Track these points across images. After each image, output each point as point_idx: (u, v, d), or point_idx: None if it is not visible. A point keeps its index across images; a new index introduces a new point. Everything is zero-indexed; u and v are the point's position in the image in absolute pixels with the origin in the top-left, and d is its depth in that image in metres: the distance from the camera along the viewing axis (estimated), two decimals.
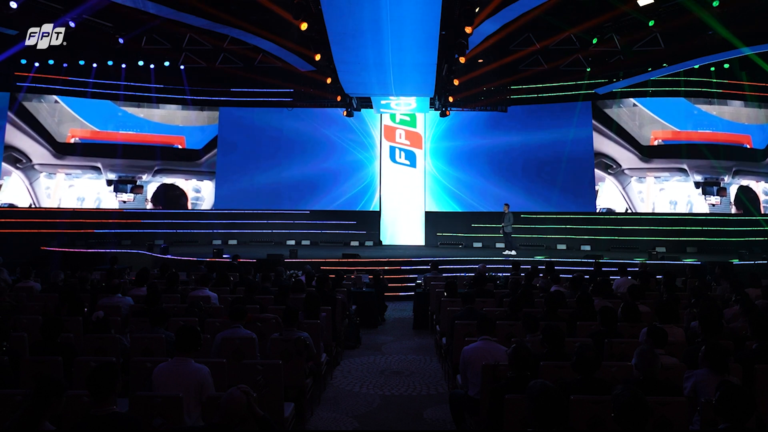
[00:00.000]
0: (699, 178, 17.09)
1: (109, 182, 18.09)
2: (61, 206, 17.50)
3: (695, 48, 14.05)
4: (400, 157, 18.37)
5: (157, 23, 13.71)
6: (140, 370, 4.21)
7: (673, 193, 17.22)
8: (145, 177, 18.36)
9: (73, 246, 15.09)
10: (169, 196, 18.46)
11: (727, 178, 16.92)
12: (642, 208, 17.26)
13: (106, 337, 5.13)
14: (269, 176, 18.20)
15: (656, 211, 17.12)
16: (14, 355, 4.37)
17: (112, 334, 5.27)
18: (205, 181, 18.57)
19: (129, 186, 18.15)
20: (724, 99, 16.83)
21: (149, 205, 18.25)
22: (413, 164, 18.33)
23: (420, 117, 18.31)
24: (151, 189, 18.42)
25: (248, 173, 18.21)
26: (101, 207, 17.85)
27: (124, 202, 18.07)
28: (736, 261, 12.43)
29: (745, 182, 17.06)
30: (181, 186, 18.54)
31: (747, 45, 12.56)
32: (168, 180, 18.47)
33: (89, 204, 17.82)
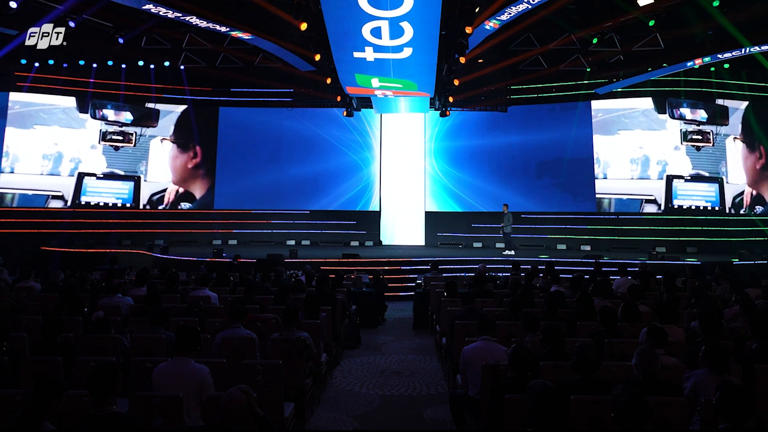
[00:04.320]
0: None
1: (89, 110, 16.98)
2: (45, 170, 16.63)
3: (695, 48, 14.01)
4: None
5: (157, 23, 13.71)
6: (140, 370, 4.21)
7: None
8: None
9: (73, 246, 15.10)
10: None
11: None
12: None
13: (106, 337, 5.13)
14: (269, 176, 18.19)
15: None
16: (14, 355, 4.37)
17: (112, 334, 5.27)
18: None
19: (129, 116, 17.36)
20: (722, 98, 16.65)
21: (166, 144, 17.74)
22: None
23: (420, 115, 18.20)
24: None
25: (248, 173, 18.20)
26: (84, 171, 17.15)
27: (117, 148, 17.23)
28: (736, 261, 12.43)
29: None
30: None
31: (753, 44, 12.36)
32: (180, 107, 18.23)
33: (67, 161, 16.95)
